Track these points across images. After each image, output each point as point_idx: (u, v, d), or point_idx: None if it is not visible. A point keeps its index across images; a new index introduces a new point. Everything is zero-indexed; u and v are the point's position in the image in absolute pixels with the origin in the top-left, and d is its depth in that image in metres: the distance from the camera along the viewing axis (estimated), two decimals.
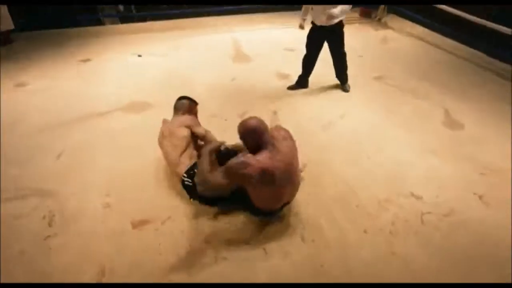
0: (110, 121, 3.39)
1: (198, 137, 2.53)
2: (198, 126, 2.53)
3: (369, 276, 1.96)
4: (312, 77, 3.99)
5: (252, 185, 1.98)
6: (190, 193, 2.34)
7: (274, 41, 5.47)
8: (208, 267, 1.99)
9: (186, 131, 2.41)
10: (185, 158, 2.35)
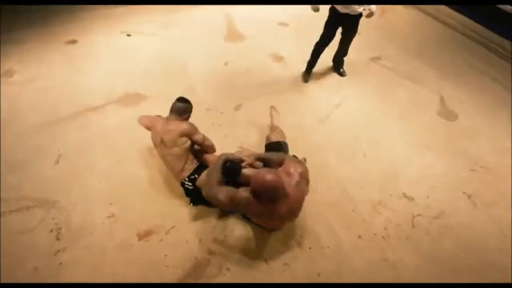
0: (105, 117, 3.33)
1: (196, 144, 2.54)
2: (197, 133, 2.53)
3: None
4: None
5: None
6: (189, 196, 2.44)
7: (267, 16, 5.21)
8: (214, 279, 2.14)
9: (188, 142, 2.42)
10: (188, 165, 2.41)
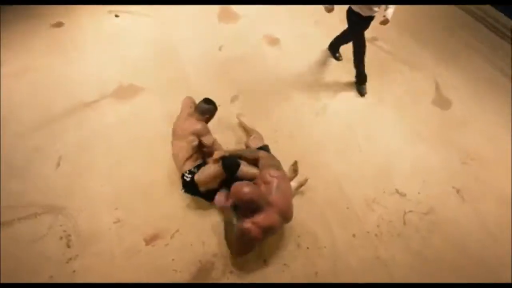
0: (102, 114, 3.29)
1: (205, 145, 2.61)
2: (208, 136, 2.60)
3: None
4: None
5: None
6: (184, 187, 2.57)
7: None
8: (219, 281, 2.30)
9: (196, 140, 2.52)
10: (191, 161, 2.54)
